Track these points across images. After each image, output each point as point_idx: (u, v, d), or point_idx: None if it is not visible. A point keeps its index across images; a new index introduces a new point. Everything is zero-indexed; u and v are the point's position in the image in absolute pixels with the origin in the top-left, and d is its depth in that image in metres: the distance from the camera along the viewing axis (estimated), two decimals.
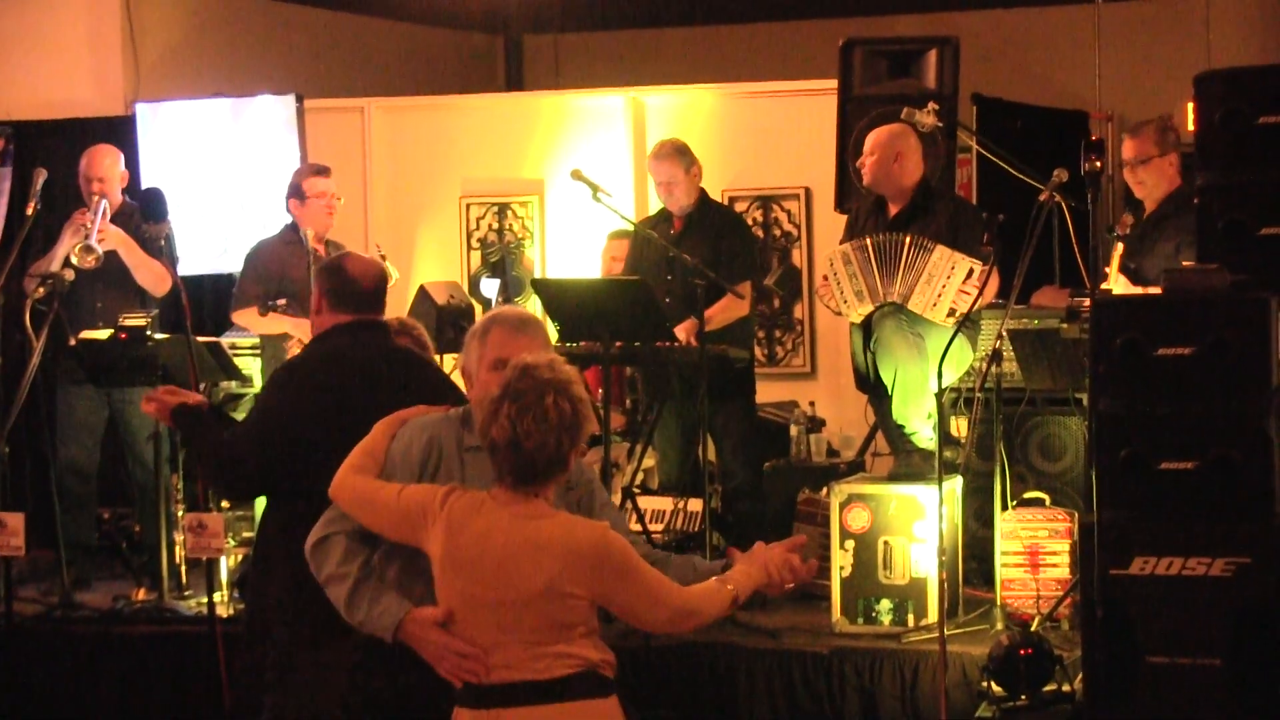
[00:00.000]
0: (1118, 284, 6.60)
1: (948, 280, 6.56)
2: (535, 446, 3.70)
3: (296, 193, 7.60)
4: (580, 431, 3.76)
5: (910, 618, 6.50)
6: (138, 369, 7.15)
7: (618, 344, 6.81)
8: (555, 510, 3.79)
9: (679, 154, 7.43)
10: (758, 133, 9.04)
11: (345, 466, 3.99)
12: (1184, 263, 6.35)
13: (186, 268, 7.93)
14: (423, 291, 7.99)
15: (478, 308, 8.46)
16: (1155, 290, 6.18)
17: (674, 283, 7.24)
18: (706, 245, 7.30)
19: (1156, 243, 6.80)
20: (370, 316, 4.87)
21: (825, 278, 6.92)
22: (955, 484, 6.68)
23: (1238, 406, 5.24)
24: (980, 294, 6.36)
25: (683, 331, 7.00)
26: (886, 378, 6.69)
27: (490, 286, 8.81)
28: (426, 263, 9.23)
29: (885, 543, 6.54)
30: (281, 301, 7.43)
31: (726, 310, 7.19)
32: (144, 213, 7.44)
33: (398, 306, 8.85)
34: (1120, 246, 6.74)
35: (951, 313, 6.53)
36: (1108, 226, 6.96)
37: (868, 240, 6.72)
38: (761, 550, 3.96)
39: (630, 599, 3.76)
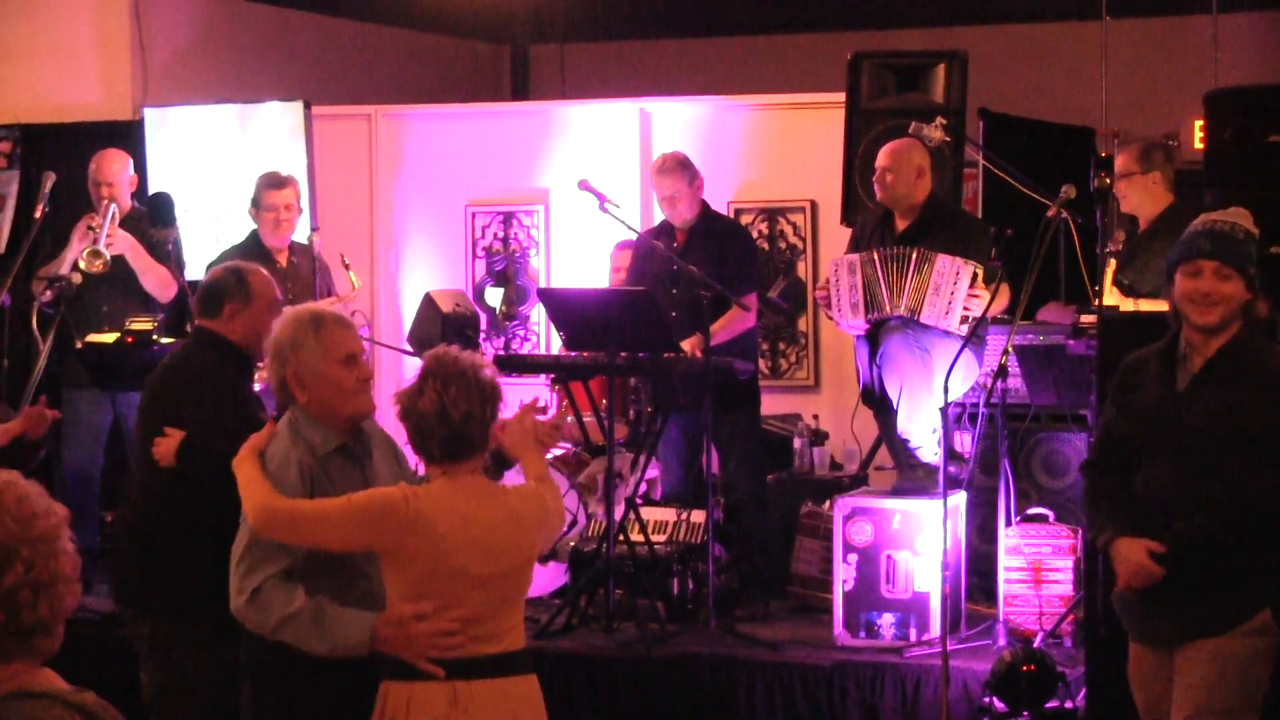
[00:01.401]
0: (1110, 297, 6.60)
1: (955, 287, 6.56)
2: (462, 416, 3.90)
3: (254, 202, 7.61)
4: (497, 406, 4.00)
5: (912, 632, 6.49)
6: (143, 373, 7.11)
7: (622, 354, 6.81)
8: (499, 485, 4.07)
9: (682, 167, 7.40)
10: (764, 145, 9.04)
11: (262, 498, 3.99)
12: None
13: (193, 273, 7.94)
14: (428, 299, 7.99)
15: (482, 316, 8.47)
16: (1151, 305, 6.21)
17: (679, 295, 7.23)
18: (710, 257, 7.29)
19: (1150, 259, 6.81)
20: (198, 322, 5.16)
21: (827, 280, 6.90)
22: (959, 499, 6.68)
23: None
24: (993, 300, 6.35)
25: (689, 346, 6.99)
26: (892, 392, 6.69)
27: (495, 295, 8.81)
28: (432, 271, 9.23)
29: (888, 557, 6.54)
30: None
31: (732, 323, 7.19)
32: (152, 218, 7.45)
33: (391, 311, 8.89)
34: (1113, 263, 6.75)
35: (965, 320, 6.52)
36: (1109, 238, 6.98)
37: (875, 253, 6.72)
38: (520, 429, 4.18)
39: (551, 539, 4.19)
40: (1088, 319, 6.25)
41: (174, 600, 4.89)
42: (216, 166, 8.87)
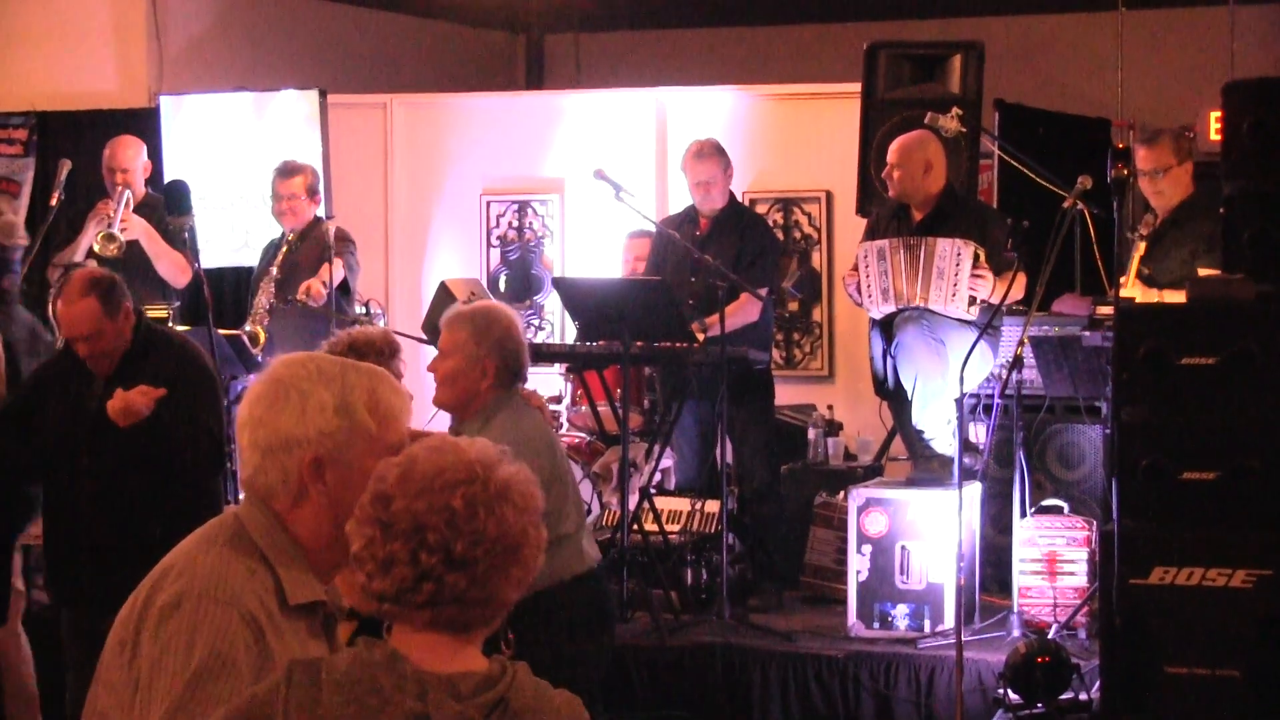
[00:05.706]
0: (1133, 289, 6.57)
1: (958, 268, 6.54)
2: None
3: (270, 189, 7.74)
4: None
5: (926, 623, 6.49)
6: None
7: (637, 344, 6.80)
8: None
9: (719, 154, 7.45)
10: (780, 135, 9.04)
11: None
12: (1198, 268, 6.36)
13: (207, 260, 7.92)
14: (443, 288, 7.98)
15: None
16: (1173, 295, 6.18)
17: (697, 284, 7.23)
18: (732, 247, 7.30)
19: (1171, 249, 6.79)
20: None
21: (855, 268, 6.86)
22: (974, 490, 6.67)
23: (1261, 417, 5.23)
24: (1010, 289, 6.32)
25: (693, 328, 6.99)
26: (907, 383, 6.67)
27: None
28: (447, 259, 9.23)
29: (902, 548, 6.54)
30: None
31: (739, 312, 7.17)
32: (168, 205, 7.45)
33: (407, 299, 8.89)
34: (1142, 246, 6.71)
35: (972, 301, 6.51)
36: (1129, 227, 6.94)
37: (899, 242, 6.68)
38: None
39: None
40: (1104, 310, 6.23)
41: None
42: (232, 154, 8.88)
